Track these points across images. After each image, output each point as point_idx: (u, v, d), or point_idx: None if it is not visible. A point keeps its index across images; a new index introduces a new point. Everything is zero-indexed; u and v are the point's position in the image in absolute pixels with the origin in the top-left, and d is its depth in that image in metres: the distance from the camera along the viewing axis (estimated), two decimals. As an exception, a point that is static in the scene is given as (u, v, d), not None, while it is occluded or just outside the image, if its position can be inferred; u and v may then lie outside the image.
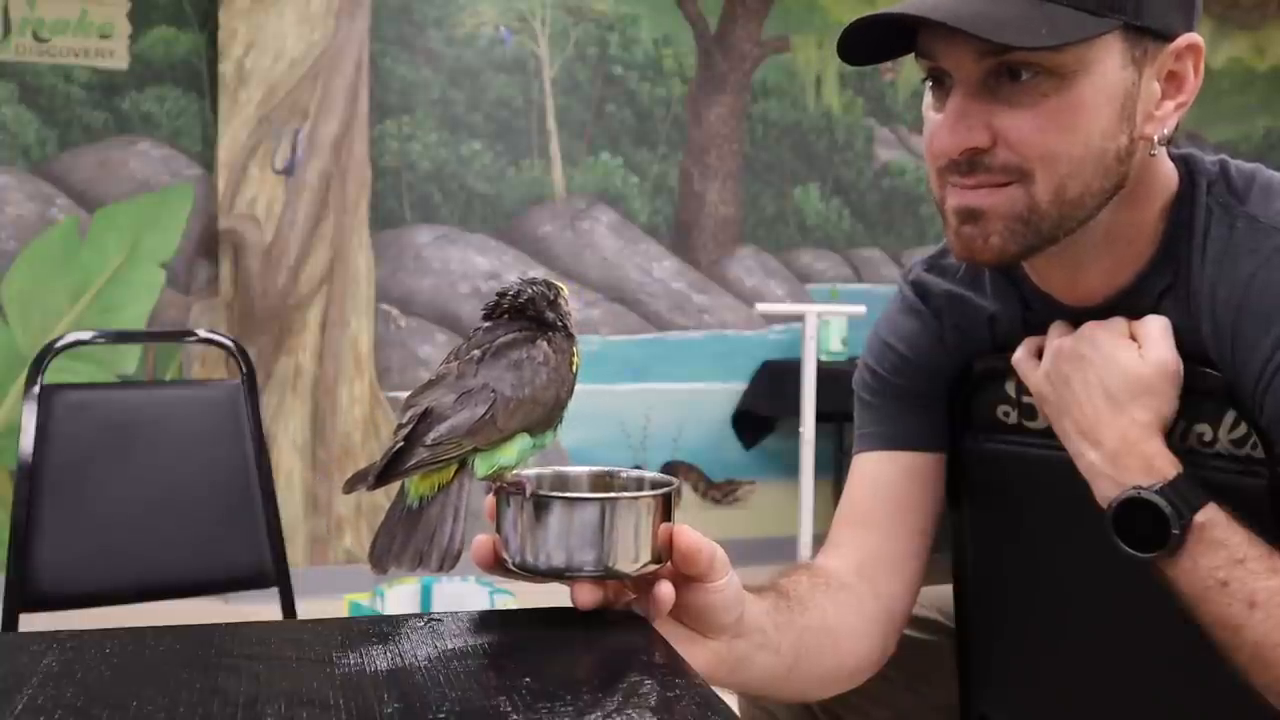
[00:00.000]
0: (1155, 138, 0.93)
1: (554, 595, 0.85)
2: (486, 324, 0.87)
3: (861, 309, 3.61)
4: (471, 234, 4.05)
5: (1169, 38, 0.92)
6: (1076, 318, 1.01)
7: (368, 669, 0.72)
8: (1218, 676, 0.91)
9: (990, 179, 0.92)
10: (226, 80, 3.65)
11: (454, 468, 0.80)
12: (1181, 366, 0.94)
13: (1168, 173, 0.99)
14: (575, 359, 0.87)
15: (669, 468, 4.23)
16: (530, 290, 0.87)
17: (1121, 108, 0.91)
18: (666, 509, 0.83)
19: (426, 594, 3.03)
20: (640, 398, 4.23)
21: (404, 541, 0.78)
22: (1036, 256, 0.97)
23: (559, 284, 0.89)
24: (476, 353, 0.83)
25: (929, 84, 0.97)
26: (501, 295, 0.88)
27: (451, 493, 0.80)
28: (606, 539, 0.80)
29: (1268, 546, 0.89)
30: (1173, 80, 0.94)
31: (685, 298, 4.30)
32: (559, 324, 0.87)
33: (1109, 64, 0.90)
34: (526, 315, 0.87)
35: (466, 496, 0.80)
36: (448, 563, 0.77)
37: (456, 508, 0.79)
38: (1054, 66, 0.88)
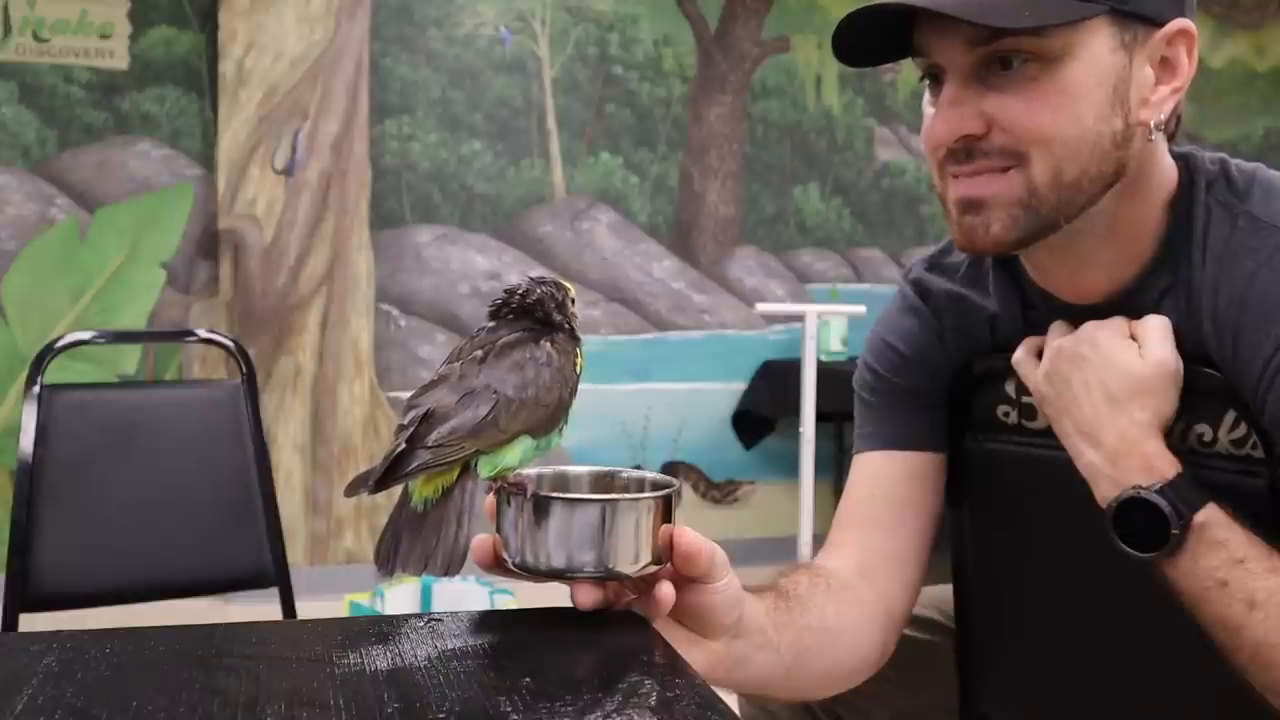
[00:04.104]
0: (1152, 123, 0.94)
1: (554, 595, 0.85)
2: (490, 324, 0.86)
3: (861, 309, 3.61)
4: (471, 234, 4.05)
5: (1159, 23, 0.92)
6: (1077, 317, 1.01)
7: (368, 669, 0.72)
8: (1217, 677, 0.91)
9: (988, 164, 0.93)
10: (226, 80, 3.65)
11: (457, 470, 0.79)
12: (1181, 366, 0.95)
13: (1168, 168, 0.99)
14: (579, 360, 0.87)
15: (669, 468, 4.23)
16: (539, 290, 0.86)
17: (1113, 91, 0.91)
18: (667, 510, 0.83)
19: (426, 594, 3.03)
20: (640, 398, 4.22)
21: (410, 545, 0.78)
22: (1039, 249, 0.98)
23: (567, 285, 0.88)
24: (479, 353, 0.83)
25: (928, 83, 0.98)
26: (509, 294, 0.87)
27: (456, 496, 0.79)
28: (607, 540, 0.80)
29: (1268, 546, 0.89)
30: (1166, 66, 0.94)
31: (685, 298, 4.30)
32: (563, 325, 0.87)
33: (1097, 48, 0.90)
34: (531, 315, 0.86)
35: (471, 500, 0.80)
36: (454, 566, 0.77)
37: (462, 511, 0.79)
38: (1041, 51, 0.90)
